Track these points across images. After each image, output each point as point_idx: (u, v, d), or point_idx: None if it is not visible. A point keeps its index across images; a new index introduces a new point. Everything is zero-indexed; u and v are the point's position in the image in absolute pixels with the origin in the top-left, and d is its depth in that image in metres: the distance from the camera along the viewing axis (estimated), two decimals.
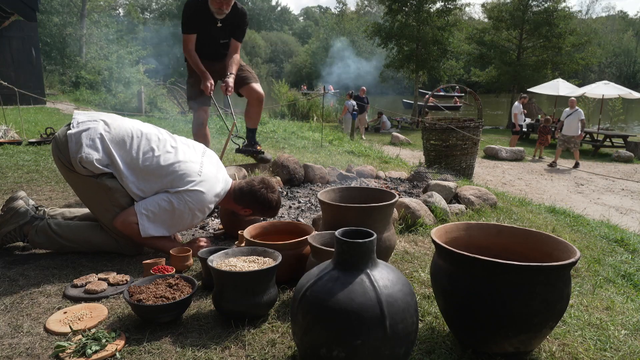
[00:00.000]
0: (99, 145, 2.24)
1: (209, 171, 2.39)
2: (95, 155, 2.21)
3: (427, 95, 11.15)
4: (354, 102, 14.65)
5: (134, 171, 2.28)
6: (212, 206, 2.39)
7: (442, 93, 31.54)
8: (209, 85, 3.67)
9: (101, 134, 2.25)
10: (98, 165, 2.21)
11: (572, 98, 11.90)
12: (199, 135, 3.73)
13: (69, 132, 2.25)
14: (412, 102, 26.83)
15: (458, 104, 27.68)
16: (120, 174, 2.26)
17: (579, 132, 11.17)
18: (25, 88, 9.93)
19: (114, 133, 2.29)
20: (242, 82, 3.93)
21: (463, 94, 32.00)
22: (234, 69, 3.77)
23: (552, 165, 11.25)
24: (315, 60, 47.67)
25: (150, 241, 2.35)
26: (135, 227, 2.26)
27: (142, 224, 2.25)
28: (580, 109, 11.19)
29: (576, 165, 11.18)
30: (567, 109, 11.50)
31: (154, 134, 2.39)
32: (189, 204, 2.27)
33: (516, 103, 14.04)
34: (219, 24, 3.68)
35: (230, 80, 3.68)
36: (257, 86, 3.97)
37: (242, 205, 2.51)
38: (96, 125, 2.28)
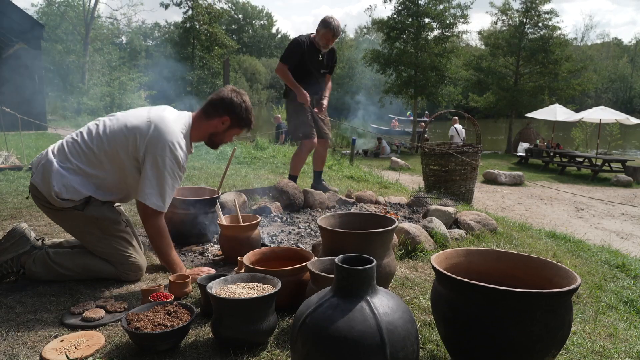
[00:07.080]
0: (62, 171, 2.26)
1: (155, 113, 2.36)
2: (66, 183, 2.24)
3: (426, 123, 11.30)
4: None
5: (101, 166, 2.29)
6: (181, 138, 2.32)
7: (410, 118, 31.96)
8: (306, 95, 4.32)
9: (55, 161, 2.27)
10: (77, 190, 2.24)
11: (454, 117, 12.25)
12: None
13: (31, 179, 2.31)
14: (381, 127, 27.18)
15: (424, 129, 28.30)
16: (99, 181, 2.29)
17: None
18: (28, 114, 9.99)
19: (62, 150, 2.32)
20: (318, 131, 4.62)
21: (432, 120, 32.58)
22: (327, 92, 4.67)
23: None
24: None
25: (165, 251, 2.38)
26: (156, 213, 2.28)
27: (153, 204, 2.26)
28: (455, 127, 11.37)
29: None
30: None
31: (91, 124, 2.42)
32: (156, 152, 2.23)
33: None
34: (320, 57, 4.54)
35: (325, 102, 4.58)
36: (325, 140, 4.75)
37: (217, 115, 2.44)
38: (47, 156, 2.31)
